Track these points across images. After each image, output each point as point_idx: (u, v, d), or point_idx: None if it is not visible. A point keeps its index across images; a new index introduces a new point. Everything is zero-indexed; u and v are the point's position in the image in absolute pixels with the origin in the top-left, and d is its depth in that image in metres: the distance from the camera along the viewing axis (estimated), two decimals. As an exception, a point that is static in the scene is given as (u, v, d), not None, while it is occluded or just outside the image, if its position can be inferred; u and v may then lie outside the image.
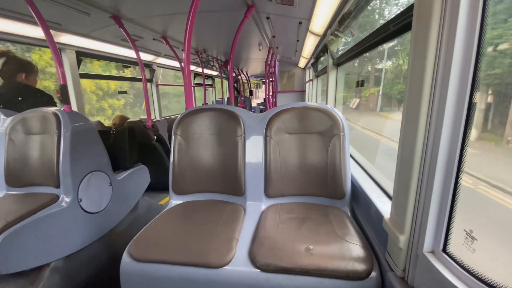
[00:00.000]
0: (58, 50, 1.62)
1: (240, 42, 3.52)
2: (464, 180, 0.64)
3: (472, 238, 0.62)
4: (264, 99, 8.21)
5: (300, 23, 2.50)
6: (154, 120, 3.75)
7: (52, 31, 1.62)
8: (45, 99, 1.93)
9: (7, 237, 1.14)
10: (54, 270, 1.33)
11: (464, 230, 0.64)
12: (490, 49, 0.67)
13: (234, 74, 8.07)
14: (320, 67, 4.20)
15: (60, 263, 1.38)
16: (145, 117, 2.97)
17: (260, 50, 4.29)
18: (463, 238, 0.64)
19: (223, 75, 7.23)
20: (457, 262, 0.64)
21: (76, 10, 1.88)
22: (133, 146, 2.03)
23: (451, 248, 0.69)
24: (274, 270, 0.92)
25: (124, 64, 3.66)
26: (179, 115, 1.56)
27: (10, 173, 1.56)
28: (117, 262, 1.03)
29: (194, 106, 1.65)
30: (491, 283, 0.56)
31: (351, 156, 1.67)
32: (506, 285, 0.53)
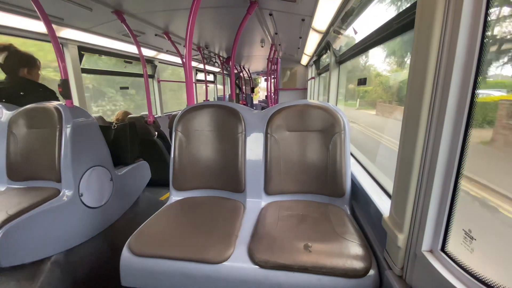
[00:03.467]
0: (60, 44, 1.62)
1: (242, 39, 3.50)
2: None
3: (471, 238, 0.62)
4: (266, 96, 8.18)
5: (303, 20, 2.48)
6: (155, 116, 3.76)
7: (54, 26, 1.62)
8: (47, 94, 1.93)
9: (8, 230, 1.15)
10: (54, 263, 1.35)
11: (463, 229, 0.64)
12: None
13: (236, 71, 8.05)
14: (323, 64, 4.16)
15: (61, 257, 1.39)
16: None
17: (262, 47, 4.26)
18: (462, 238, 0.64)
19: (224, 72, 7.21)
20: (455, 261, 0.64)
21: (79, 5, 1.87)
22: (134, 141, 2.03)
23: (449, 248, 0.69)
24: (272, 267, 0.92)
25: (126, 59, 3.66)
26: (180, 111, 1.56)
27: (11, 167, 1.56)
28: (117, 257, 1.04)
29: (195, 102, 1.64)
30: (489, 283, 0.56)
31: (351, 154, 1.66)
32: (503, 285, 0.53)
